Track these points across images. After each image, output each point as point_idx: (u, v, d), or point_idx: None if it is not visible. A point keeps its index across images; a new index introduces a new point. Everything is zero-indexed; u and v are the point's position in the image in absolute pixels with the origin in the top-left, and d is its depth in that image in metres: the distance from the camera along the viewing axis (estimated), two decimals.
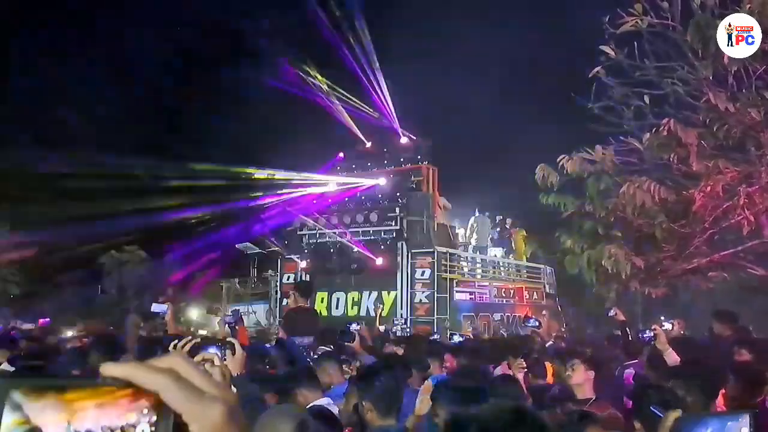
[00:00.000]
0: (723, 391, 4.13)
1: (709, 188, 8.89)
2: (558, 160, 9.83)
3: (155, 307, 6.75)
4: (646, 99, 9.65)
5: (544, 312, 17.68)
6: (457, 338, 9.41)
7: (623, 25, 9.46)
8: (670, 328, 10.28)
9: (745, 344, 5.82)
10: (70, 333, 12.38)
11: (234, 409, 0.58)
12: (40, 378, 0.56)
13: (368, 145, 17.95)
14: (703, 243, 9.54)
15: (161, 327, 7.37)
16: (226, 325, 6.58)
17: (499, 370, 5.49)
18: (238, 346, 2.61)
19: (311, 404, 3.83)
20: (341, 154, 17.98)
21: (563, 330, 15.24)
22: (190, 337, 3.23)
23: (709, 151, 9.25)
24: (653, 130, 9.35)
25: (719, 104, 8.61)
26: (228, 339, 5.76)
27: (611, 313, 7.44)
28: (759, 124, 8.79)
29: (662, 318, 9.55)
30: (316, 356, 5.61)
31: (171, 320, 6.48)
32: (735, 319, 7.13)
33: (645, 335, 5.58)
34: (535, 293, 18.62)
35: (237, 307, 13.22)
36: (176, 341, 3.45)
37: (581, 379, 4.27)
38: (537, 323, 9.83)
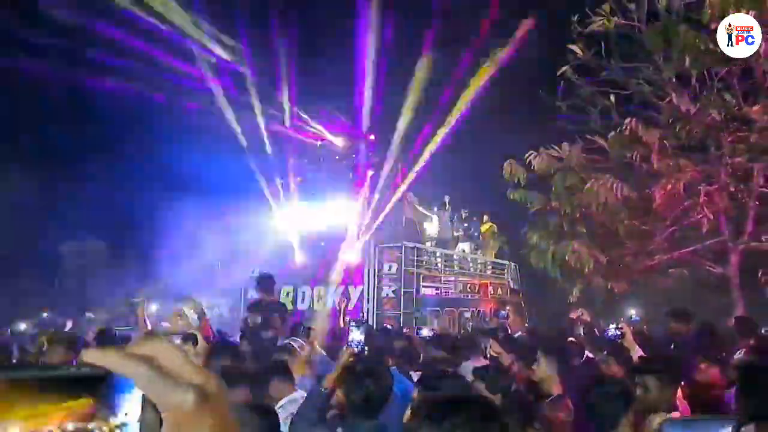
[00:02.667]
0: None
1: (670, 187, 9.10)
2: (525, 156, 9.94)
3: (130, 301, 6.54)
4: (612, 98, 9.82)
5: (508, 307, 17.88)
6: (425, 332, 9.40)
7: (591, 25, 9.60)
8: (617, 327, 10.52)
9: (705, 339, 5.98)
10: (23, 326, 11.96)
11: (211, 396, 0.56)
12: (16, 370, 0.53)
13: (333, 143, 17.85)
14: (663, 240, 9.76)
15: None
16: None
17: (470, 365, 5.51)
18: (200, 338, 2.55)
19: (285, 399, 3.79)
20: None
21: (527, 325, 15.43)
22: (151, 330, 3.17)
23: (671, 151, 9.47)
24: (617, 129, 9.52)
25: (682, 105, 8.83)
26: (190, 331, 5.65)
27: (578, 313, 7.52)
28: (719, 125, 9.02)
29: (633, 312, 9.72)
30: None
31: (142, 314, 6.16)
32: (691, 316, 7.28)
33: (609, 333, 5.61)
34: (499, 288, 18.80)
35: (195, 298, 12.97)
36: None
37: (546, 374, 4.26)
38: (506, 315, 9.92)
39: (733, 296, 9.50)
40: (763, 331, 9.78)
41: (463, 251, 18.20)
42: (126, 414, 0.54)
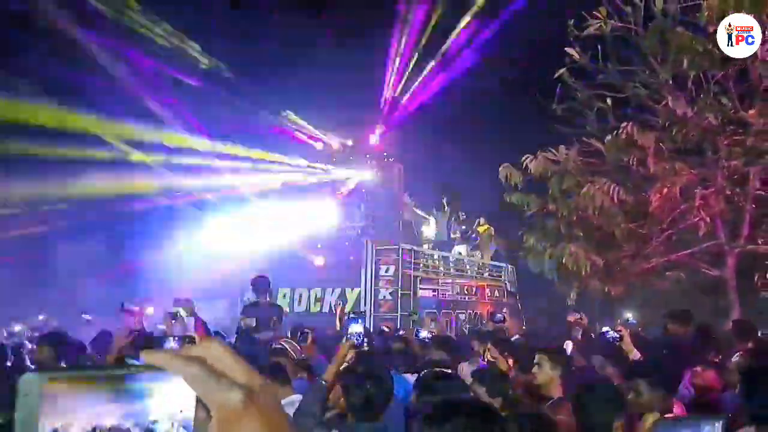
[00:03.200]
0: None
1: (666, 190, 9.13)
2: (522, 159, 9.96)
3: (126, 306, 6.54)
4: (609, 101, 9.84)
5: (504, 310, 17.91)
6: (424, 334, 9.38)
7: (588, 28, 9.63)
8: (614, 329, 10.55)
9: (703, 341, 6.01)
10: (18, 328, 11.85)
11: (257, 395, 0.59)
12: (73, 369, 0.57)
13: (334, 144, 17.87)
14: (660, 243, 9.78)
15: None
16: (173, 319, 6.15)
17: (465, 366, 5.52)
18: (198, 340, 2.54)
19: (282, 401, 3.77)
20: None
21: (524, 328, 15.45)
22: (151, 332, 3.18)
23: (667, 154, 9.50)
24: (614, 133, 9.55)
25: (678, 108, 8.85)
26: (187, 334, 5.63)
27: (576, 316, 7.55)
28: (716, 129, 9.05)
29: (629, 316, 9.72)
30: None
31: (137, 319, 6.22)
32: (690, 318, 7.31)
33: (608, 335, 5.60)
34: (496, 291, 18.82)
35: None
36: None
37: (547, 377, 4.24)
38: (503, 318, 9.92)
39: (730, 299, 9.53)
40: (760, 334, 9.85)
41: (460, 253, 18.23)
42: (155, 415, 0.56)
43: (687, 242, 9.84)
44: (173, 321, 6.07)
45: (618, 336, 5.28)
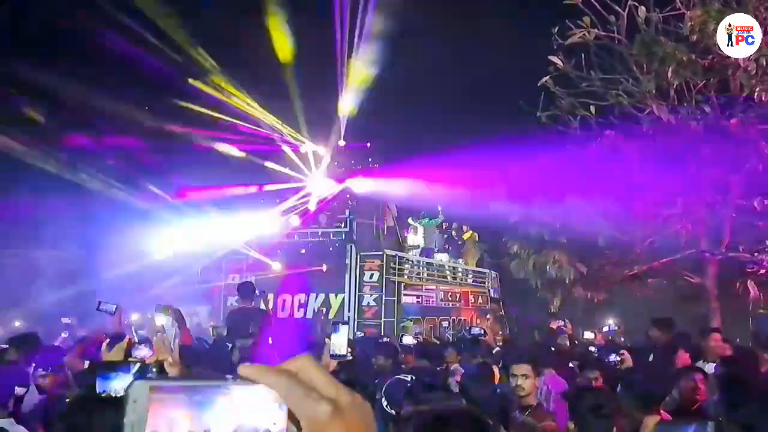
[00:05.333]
0: None
1: (649, 198, 9.20)
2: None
3: (102, 306, 6.40)
4: (592, 109, 9.90)
5: (488, 316, 17.96)
6: (408, 340, 9.35)
7: (571, 37, 9.69)
8: (592, 337, 10.63)
9: (682, 347, 6.04)
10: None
11: (344, 408, 0.62)
12: (177, 377, 0.65)
13: (305, 150, 17.82)
14: (643, 251, 9.84)
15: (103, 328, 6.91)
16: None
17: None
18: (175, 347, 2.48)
19: None
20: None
21: (506, 334, 15.47)
22: (128, 337, 3.12)
23: (650, 162, 9.57)
24: (597, 140, 9.61)
25: (662, 116, 8.92)
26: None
27: (559, 323, 7.56)
28: (698, 137, 9.14)
29: (611, 322, 9.78)
30: None
31: (116, 321, 6.07)
32: (672, 325, 7.36)
33: (611, 359, 5.55)
34: (480, 297, 18.86)
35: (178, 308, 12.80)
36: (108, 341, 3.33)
37: (532, 386, 4.27)
38: (482, 332, 9.89)
39: (711, 306, 9.61)
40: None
41: (441, 260, 18.24)
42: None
43: (669, 250, 9.92)
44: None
45: (619, 360, 5.23)
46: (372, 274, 14.94)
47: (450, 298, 17.83)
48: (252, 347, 6.39)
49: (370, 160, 17.05)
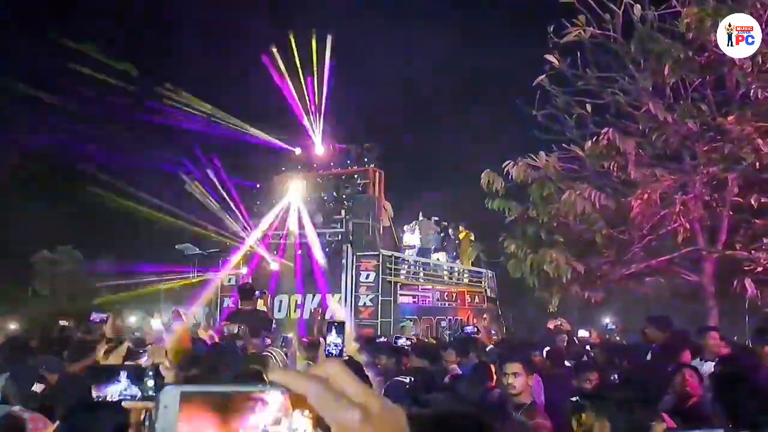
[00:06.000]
0: None
1: (646, 196, 9.16)
2: (503, 165, 9.94)
3: (95, 317, 6.36)
4: (588, 108, 9.88)
5: (485, 315, 17.93)
6: (402, 341, 9.31)
7: (567, 35, 9.66)
8: (588, 335, 10.62)
9: (682, 346, 6.02)
10: None
11: (375, 415, 0.62)
12: (209, 384, 0.62)
13: (297, 152, 17.78)
14: (640, 249, 9.81)
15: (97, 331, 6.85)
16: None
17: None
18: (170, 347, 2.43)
19: None
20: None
21: (503, 333, 15.44)
22: (126, 343, 3.10)
23: (647, 160, 9.55)
24: (594, 139, 9.58)
25: (658, 114, 8.90)
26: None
27: (557, 323, 7.52)
28: (695, 135, 9.13)
29: (608, 321, 9.76)
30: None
31: (110, 326, 5.98)
32: (668, 324, 7.33)
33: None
34: (476, 297, 18.84)
35: (177, 308, 12.77)
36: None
37: (524, 385, 4.25)
38: (475, 329, 9.88)
39: (708, 304, 9.59)
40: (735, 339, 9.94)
41: (438, 260, 18.22)
42: None
43: (666, 248, 9.89)
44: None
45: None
46: (368, 275, 14.91)
47: (446, 298, 17.81)
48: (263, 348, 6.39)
49: (365, 160, 17.00)
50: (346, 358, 5.37)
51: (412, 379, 4.81)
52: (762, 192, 8.91)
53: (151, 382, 1.80)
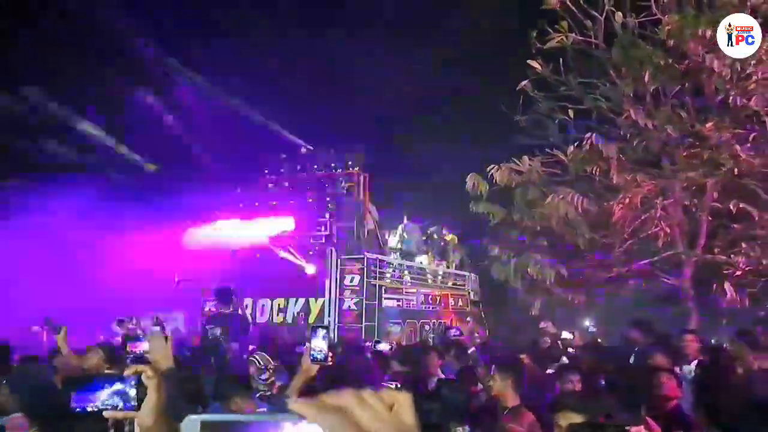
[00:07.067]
0: None
1: (628, 200, 9.31)
2: (488, 169, 10.01)
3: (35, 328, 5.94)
4: (571, 113, 9.99)
5: (468, 318, 17.99)
6: (383, 346, 9.30)
7: (550, 41, 9.78)
8: (570, 337, 10.72)
9: (660, 349, 6.09)
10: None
11: None
12: (226, 415, 0.68)
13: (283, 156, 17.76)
14: (622, 253, 9.94)
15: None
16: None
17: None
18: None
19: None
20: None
21: (486, 336, 15.51)
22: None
23: (629, 165, 9.69)
24: (576, 144, 9.69)
25: (639, 120, 9.03)
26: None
27: (542, 325, 7.59)
28: (675, 141, 9.27)
29: (587, 324, 9.87)
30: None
31: (63, 341, 5.55)
32: (650, 327, 7.42)
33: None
34: (460, 300, 18.90)
35: (157, 314, 12.67)
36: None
37: (501, 388, 4.28)
38: (459, 332, 9.94)
39: (687, 306, 9.74)
40: (714, 342, 10.09)
41: (422, 263, 18.26)
42: None
43: (647, 252, 10.03)
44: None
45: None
46: (353, 278, 14.87)
47: (431, 301, 17.84)
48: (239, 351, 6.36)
49: (350, 163, 16.99)
50: (330, 362, 5.38)
51: (398, 385, 4.82)
52: (740, 197, 9.07)
53: (133, 392, 1.78)
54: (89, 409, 1.65)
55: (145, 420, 1.62)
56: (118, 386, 1.68)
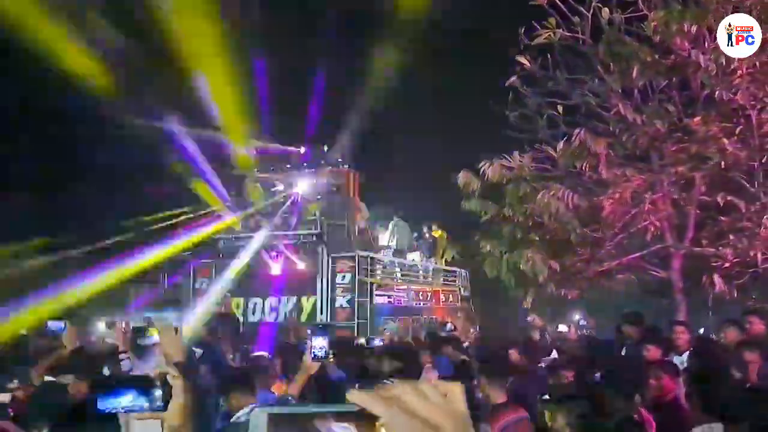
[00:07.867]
0: None
1: (617, 195, 9.40)
2: (479, 166, 10.07)
3: (51, 324, 5.99)
4: (559, 108, 10.07)
5: (459, 314, 18.08)
6: (377, 342, 9.35)
7: (537, 37, 9.83)
8: (566, 330, 10.82)
9: (652, 341, 6.17)
10: None
11: None
12: (293, 406, 0.71)
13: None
14: (612, 247, 10.05)
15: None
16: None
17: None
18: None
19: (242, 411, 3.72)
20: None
21: (476, 331, 15.60)
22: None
23: (618, 160, 9.78)
24: (565, 139, 9.77)
25: (627, 115, 9.12)
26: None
27: (529, 319, 7.66)
28: (663, 136, 9.37)
29: (577, 317, 9.97)
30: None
31: (69, 338, 5.34)
32: (642, 320, 7.50)
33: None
34: (450, 296, 18.98)
35: (149, 315, 12.62)
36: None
37: (486, 389, 4.34)
38: (452, 327, 10.01)
39: (676, 299, 9.86)
40: (702, 331, 10.24)
41: (413, 260, 18.29)
42: None
43: (636, 245, 10.14)
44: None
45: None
46: (344, 276, 14.88)
47: (421, 298, 17.90)
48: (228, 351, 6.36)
49: (339, 161, 16.98)
50: (331, 360, 5.41)
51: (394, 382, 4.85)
52: (727, 190, 9.19)
53: (158, 393, 1.78)
54: (115, 411, 1.66)
55: (173, 420, 1.64)
56: (144, 388, 1.68)
